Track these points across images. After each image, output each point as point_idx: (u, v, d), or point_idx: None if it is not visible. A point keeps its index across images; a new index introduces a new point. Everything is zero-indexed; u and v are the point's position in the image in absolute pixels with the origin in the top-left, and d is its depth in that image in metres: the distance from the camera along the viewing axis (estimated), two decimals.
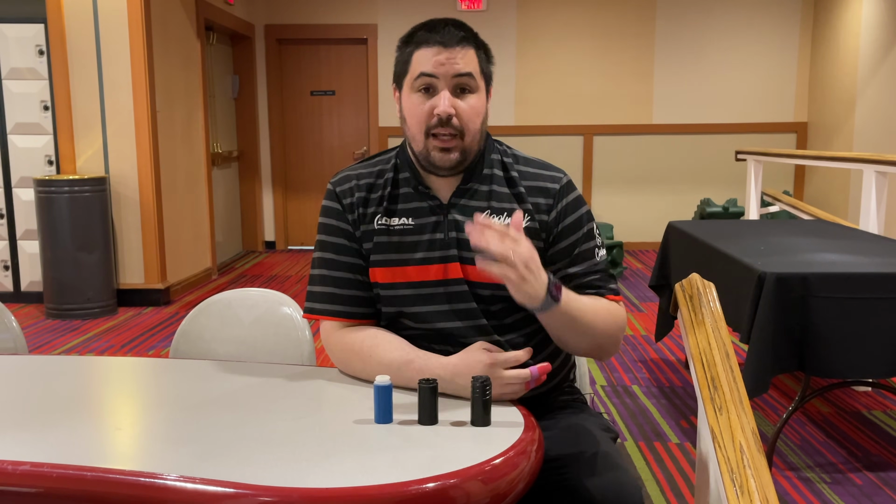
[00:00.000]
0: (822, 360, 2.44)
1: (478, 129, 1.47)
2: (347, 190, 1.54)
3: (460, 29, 1.45)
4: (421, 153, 1.47)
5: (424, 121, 1.44)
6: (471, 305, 1.47)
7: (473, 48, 1.46)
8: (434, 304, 1.47)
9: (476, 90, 1.46)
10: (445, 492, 1.05)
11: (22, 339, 1.91)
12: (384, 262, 1.50)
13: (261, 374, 1.52)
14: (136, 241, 5.19)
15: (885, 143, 5.96)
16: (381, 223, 1.50)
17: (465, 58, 1.44)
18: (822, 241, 3.12)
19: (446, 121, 1.42)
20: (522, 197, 1.51)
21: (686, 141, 7.46)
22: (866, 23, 6.25)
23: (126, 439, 1.21)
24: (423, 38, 1.44)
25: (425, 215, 1.49)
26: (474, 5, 7.25)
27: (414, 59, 1.45)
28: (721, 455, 1.40)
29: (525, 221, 1.47)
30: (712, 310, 1.77)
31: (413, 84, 1.45)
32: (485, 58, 1.49)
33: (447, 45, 1.42)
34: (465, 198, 1.50)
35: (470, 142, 1.46)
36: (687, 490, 2.61)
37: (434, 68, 1.42)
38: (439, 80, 1.43)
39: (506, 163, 1.54)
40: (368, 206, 1.52)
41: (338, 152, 7.70)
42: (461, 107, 1.44)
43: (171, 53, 5.48)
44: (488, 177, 1.52)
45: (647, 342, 4.40)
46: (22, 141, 5.14)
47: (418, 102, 1.45)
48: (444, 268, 1.46)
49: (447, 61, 1.42)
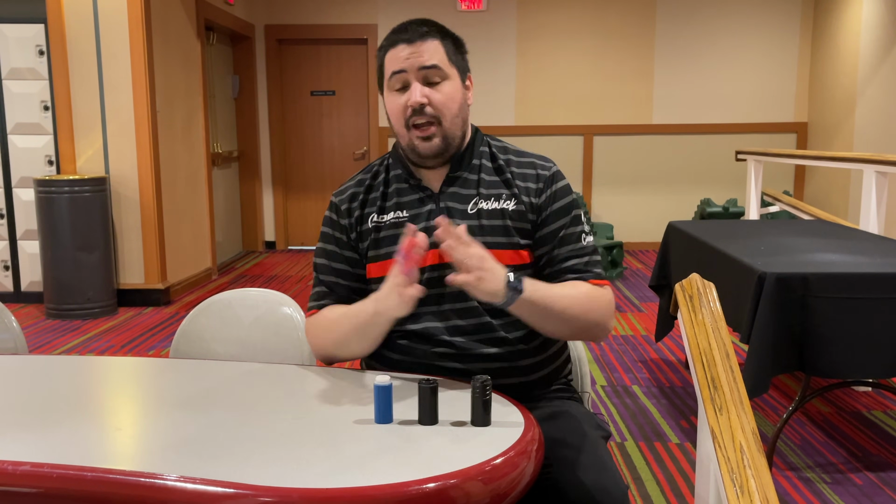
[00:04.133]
0: (822, 360, 2.44)
1: (455, 114, 1.53)
2: (346, 197, 1.63)
3: (423, 25, 1.55)
4: (408, 146, 1.55)
5: (403, 114, 1.53)
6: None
7: (438, 39, 1.54)
8: (434, 288, 1.51)
9: (447, 78, 1.53)
10: (445, 492, 1.05)
11: (22, 340, 1.91)
12: (378, 256, 1.56)
13: (261, 374, 1.52)
14: (136, 241, 5.20)
15: (885, 143, 5.96)
16: (374, 221, 1.58)
17: (430, 50, 1.52)
18: (822, 241, 3.12)
19: (420, 110, 1.50)
20: (510, 182, 1.57)
21: (686, 141, 7.46)
22: (866, 23, 6.25)
23: (126, 439, 1.21)
24: (391, 41, 1.55)
25: (418, 206, 1.57)
26: (474, 5, 7.25)
27: (386, 61, 1.55)
28: (721, 455, 1.40)
29: (511, 204, 1.55)
30: (712, 310, 1.77)
31: (389, 84, 1.55)
32: (453, 48, 1.56)
33: (411, 41, 1.52)
34: (456, 186, 1.57)
35: (449, 126, 1.53)
36: (687, 490, 2.61)
37: (401, 64, 1.52)
38: (409, 73, 1.51)
39: (494, 153, 1.61)
40: (366, 207, 1.60)
41: (338, 152, 7.70)
42: (433, 95, 1.51)
43: (171, 53, 5.48)
44: (476, 166, 1.59)
45: (647, 342, 4.40)
46: (22, 141, 5.14)
47: (396, 100, 1.54)
48: (437, 253, 1.49)
49: (412, 55, 1.51)
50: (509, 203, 1.54)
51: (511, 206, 1.54)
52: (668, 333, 3.56)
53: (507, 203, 1.54)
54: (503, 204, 1.54)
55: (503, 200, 1.55)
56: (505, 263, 1.47)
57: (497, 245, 1.51)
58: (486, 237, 1.51)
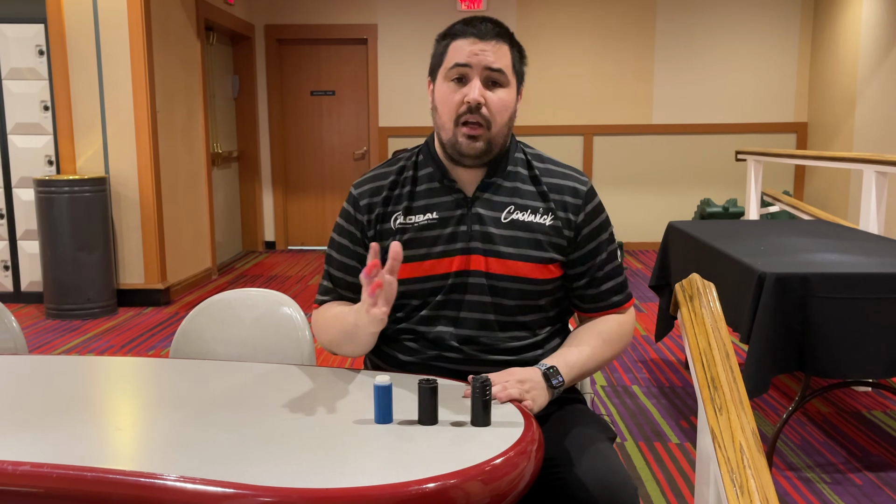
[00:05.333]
0: (822, 360, 2.44)
1: (504, 122, 1.51)
2: (366, 191, 1.58)
3: (497, 25, 1.51)
4: (449, 141, 1.50)
5: (455, 109, 1.48)
6: (484, 298, 1.50)
7: (508, 45, 1.50)
8: (454, 294, 1.51)
9: (506, 85, 1.50)
10: (445, 492, 1.05)
11: (22, 340, 1.91)
12: (406, 258, 1.52)
13: (261, 374, 1.52)
14: (136, 241, 5.19)
15: (885, 143, 5.96)
16: (399, 223, 1.54)
17: (499, 52, 1.48)
18: (822, 241, 3.12)
19: (475, 108, 1.46)
20: (546, 195, 1.55)
21: (686, 141, 7.46)
22: (866, 23, 6.25)
23: (126, 439, 1.21)
24: (459, 31, 1.50)
25: (450, 209, 1.53)
26: (474, 5, 7.25)
27: (450, 49, 1.50)
28: (721, 455, 1.40)
29: (548, 219, 1.53)
30: (712, 310, 1.77)
31: (447, 74, 1.50)
32: (518, 56, 1.54)
33: (482, 38, 1.47)
34: (490, 192, 1.54)
35: (496, 133, 1.50)
36: (687, 490, 2.61)
37: (468, 58, 1.47)
38: (472, 69, 1.47)
39: (530, 161, 1.59)
40: (389, 205, 1.56)
41: (338, 152, 7.70)
42: (491, 98, 1.48)
43: (171, 53, 5.48)
44: (513, 173, 1.56)
45: (647, 342, 4.40)
46: (22, 141, 5.14)
47: (450, 91, 1.49)
48: (466, 259, 1.50)
49: (481, 52, 1.47)
50: (546, 218, 1.53)
51: (548, 221, 1.52)
52: (668, 333, 3.56)
53: (545, 218, 1.52)
54: (539, 218, 1.52)
55: (540, 214, 1.53)
56: (532, 277, 1.50)
57: (527, 258, 1.50)
58: (519, 249, 1.50)
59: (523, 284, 1.50)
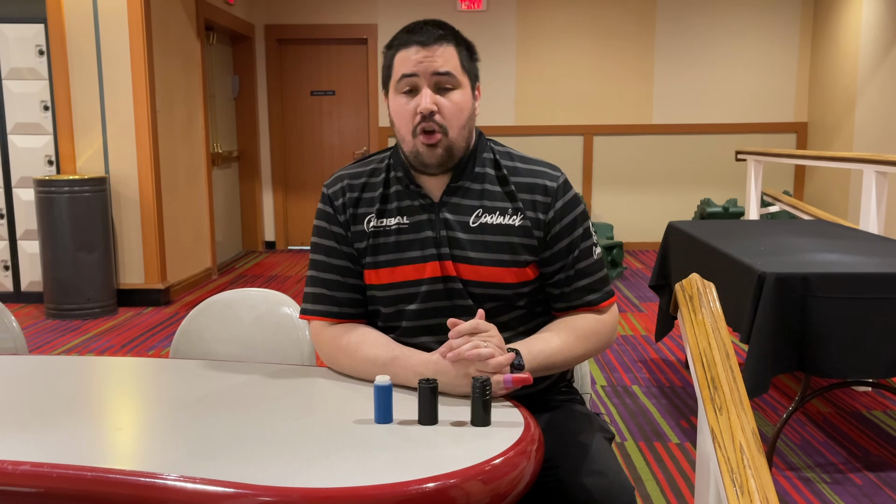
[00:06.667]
0: (822, 360, 2.44)
1: (462, 124, 1.48)
2: (339, 190, 1.55)
3: (439, 28, 1.47)
4: (411, 153, 1.48)
5: (410, 120, 1.45)
6: (467, 302, 1.48)
7: (453, 45, 1.47)
8: (432, 301, 1.48)
9: (458, 87, 1.47)
10: (445, 492, 1.05)
11: (22, 340, 1.91)
12: (379, 263, 1.51)
13: (261, 374, 1.52)
14: (136, 241, 5.19)
15: (885, 143, 5.96)
16: (372, 226, 1.52)
17: (445, 55, 1.45)
18: (822, 241, 3.12)
19: (428, 117, 1.43)
20: (513, 195, 1.51)
21: (686, 141, 7.46)
22: (866, 23, 6.25)
23: (126, 439, 1.21)
24: (402, 41, 1.47)
25: (417, 213, 1.51)
26: (474, 5, 7.25)
27: (395, 61, 1.47)
28: (721, 455, 1.40)
29: (517, 220, 1.49)
30: (712, 310, 1.77)
31: (397, 86, 1.47)
32: (466, 55, 1.50)
33: (426, 44, 1.44)
34: (458, 196, 1.51)
35: (455, 137, 1.47)
36: (687, 490, 2.61)
37: (414, 67, 1.44)
38: (420, 77, 1.44)
39: (498, 161, 1.54)
40: (359, 207, 1.53)
41: (338, 152, 7.70)
42: (443, 103, 1.45)
43: (171, 53, 5.48)
44: (480, 175, 1.52)
45: (647, 342, 4.40)
46: (22, 141, 5.14)
47: (403, 103, 1.47)
48: (438, 265, 1.48)
49: (425, 59, 1.43)
50: (515, 218, 1.49)
51: (517, 221, 1.48)
52: (668, 333, 3.56)
53: (513, 219, 1.48)
54: (508, 220, 1.48)
55: (508, 216, 1.49)
56: (508, 282, 1.47)
57: (501, 263, 1.47)
58: (490, 254, 1.47)
59: (499, 289, 1.47)
